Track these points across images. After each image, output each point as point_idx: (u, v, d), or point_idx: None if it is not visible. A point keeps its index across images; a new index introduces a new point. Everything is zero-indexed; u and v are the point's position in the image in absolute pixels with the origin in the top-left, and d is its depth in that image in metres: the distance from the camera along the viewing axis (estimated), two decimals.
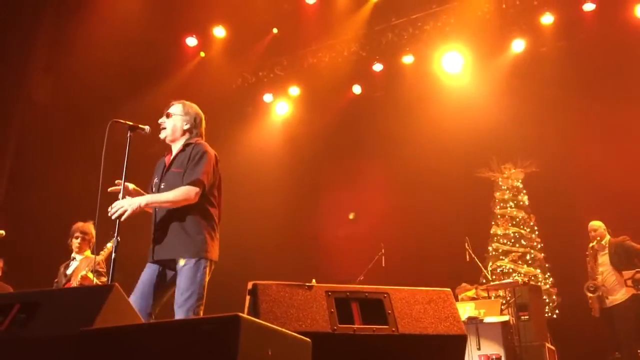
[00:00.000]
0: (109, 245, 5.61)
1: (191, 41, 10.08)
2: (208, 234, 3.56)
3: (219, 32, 10.00)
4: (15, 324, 2.47)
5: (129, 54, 8.81)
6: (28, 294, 2.89)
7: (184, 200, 3.49)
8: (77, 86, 8.59)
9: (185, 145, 3.75)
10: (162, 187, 3.66)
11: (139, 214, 3.52)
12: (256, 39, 10.12)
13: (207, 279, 3.49)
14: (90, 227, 5.84)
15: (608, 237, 6.88)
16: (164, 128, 3.82)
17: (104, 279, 5.56)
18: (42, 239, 7.11)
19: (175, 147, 3.82)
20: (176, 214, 3.54)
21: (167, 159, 3.82)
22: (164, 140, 3.87)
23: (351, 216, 7.82)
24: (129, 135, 3.70)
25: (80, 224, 5.83)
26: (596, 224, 6.93)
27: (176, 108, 3.85)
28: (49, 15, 8.76)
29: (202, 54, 10.31)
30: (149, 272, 3.59)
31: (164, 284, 3.57)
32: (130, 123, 3.72)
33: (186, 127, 3.81)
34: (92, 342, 2.04)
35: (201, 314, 3.37)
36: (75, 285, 5.41)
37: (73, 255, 5.80)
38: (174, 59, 10.07)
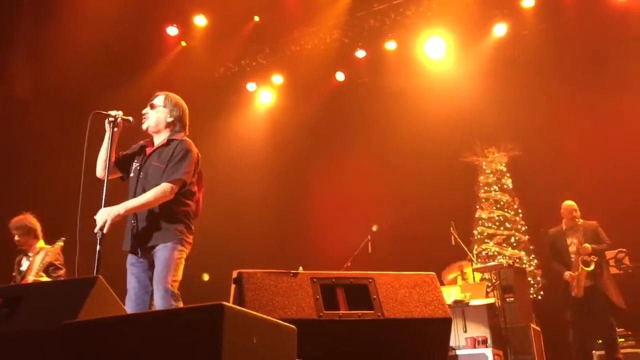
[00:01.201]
0: (59, 244, 5.52)
1: (172, 30, 9.97)
2: (184, 224, 3.62)
3: (200, 20, 9.90)
4: None
5: (109, 45, 8.71)
6: (10, 288, 2.88)
7: (162, 199, 3.53)
8: (57, 79, 8.48)
9: (170, 140, 3.75)
10: (141, 176, 3.68)
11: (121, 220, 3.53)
12: (238, 27, 10.03)
13: (182, 262, 3.53)
14: (25, 220, 5.64)
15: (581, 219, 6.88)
16: (147, 119, 3.80)
17: (62, 272, 5.51)
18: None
19: (158, 139, 3.80)
20: (155, 207, 3.57)
21: (148, 148, 3.82)
22: (146, 130, 3.85)
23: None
24: (111, 127, 3.67)
25: (12, 221, 5.63)
26: (575, 204, 6.93)
27: (160, 99, 3.84)
28: (26, 7, 8.62)
29: (184, 44, 10.21)
30: (134, 277, 3.60)
31: (150, 277, 3.58)
32: (113, 113, 3.69)
33: (169, 119, 3.81)
34: (75, 335, 2.03)
35: (176, 290, 3.41)
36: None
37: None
38: (155, 49, 9.96)
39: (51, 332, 2.20)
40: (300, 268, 3.63)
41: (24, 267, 5.55)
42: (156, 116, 3.79)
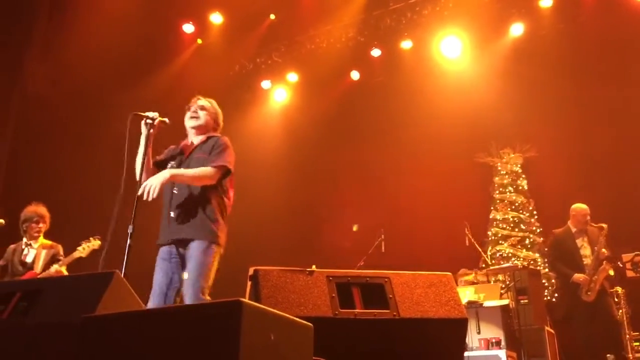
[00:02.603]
0: (94, 243, 5.55)
1: (188, 28, 10.02)
2: (220, 222, 3.71)
3: (216, 18, 9.94)
4: (16, 312, 2.48)
5: (125, 42, 8.76)
6: (29, 282, 2.90)
7: (207, 178, 3.65)
8: (74, 76, 8.54)
9: (208, 137, 3.93)
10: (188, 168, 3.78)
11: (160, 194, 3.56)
12: (253, 25, 10.05)
13: (215, 266, 3.59)
14: (45, 210, 5.68)
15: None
16: (197, 117, 3.95)
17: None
18: None
19: (197, 139, 3.96)
20: (194, 198, 3.66)
21: (186, 147, 3.96)
22: (186, 127, 3.98)
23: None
24: (147, 128, 3.76)
25: (35, 208, 5.65)
26: (588, 208, 6.82)
27: (208, 103, 4.03)
28: (44, 4, 8.69)
29: (199, 41, 10.25)
30: (162, 272, 3.64)
31: (180, 273, 3.63)
32: (150, 115, 3.77)
33: (215, 122, 4.04)
34: (93, 329, 2.04)
35: (207, 296, 3.44)
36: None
37: (27, 241, 5.61)
38: (171, 46, 10.02)
39: (69, 326, 2.21)
40: (314, 266, 3.64)
41: (29, 259, 5.54)
42: (206, 118, 3.98)
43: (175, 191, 3.71)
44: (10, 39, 8.16)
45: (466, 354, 5.75)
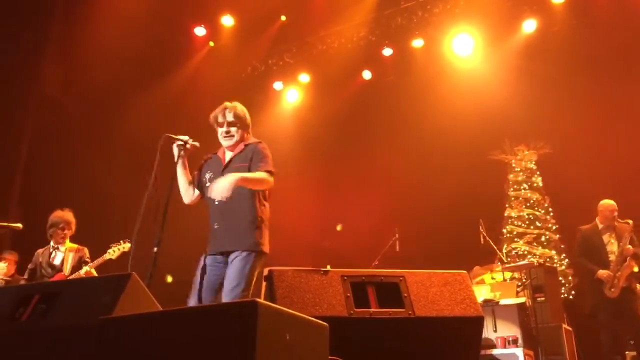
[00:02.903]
0: (124, 246, 5.66)
1: (200, 31, 10.08)
2: (263, 229, 3.76)
3: (227, 20, 9.98)
4: (35, 314, 2.51)
5: (138, 45, 8.84)
6: (47, 285, 2.93)
7: (265, 183, 3.73)
8: (88, 79, 8.64)
9: (246, 145, 3.96)
10: None
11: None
12: (265, 26, 10.08)
13: (256, 271, 3.62)
14: (71, 216, 5.80)
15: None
16: (232, 136, 3.95)
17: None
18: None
19: (233, 148, 3.97)
20: (236, 208, 3.69)
21: (223, 156, 3.99)
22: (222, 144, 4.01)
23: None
24: (178, 150, 3.86)
25: (61, 214, 5.77)
26: (615, 204, 6.77)
27: (237, 114, 4.00)
28: (59, 8, 8.79)
29: (211, 44, 10.30)
30: (205, 278, 3.67)
31: (222, 279, 3.66)
32: (183, 138, 3.85)
33: (247, 129, 4.05)
34: (111, 330, 2.06)
35: None
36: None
37: (54, 244, 5.73)
38: (183, 49, 10.08)
39: (87, 327, 2.24)
40: (328, 266, 3.64)
41: (57, 261, 5.67)
42: (240, 132, 3.97)
43: (216, 203, 3.74)
44: (26, 42, 8.26)
45: (483, 352, 5.73)
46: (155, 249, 3.40)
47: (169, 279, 9.92)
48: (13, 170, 8.23)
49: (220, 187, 3.47)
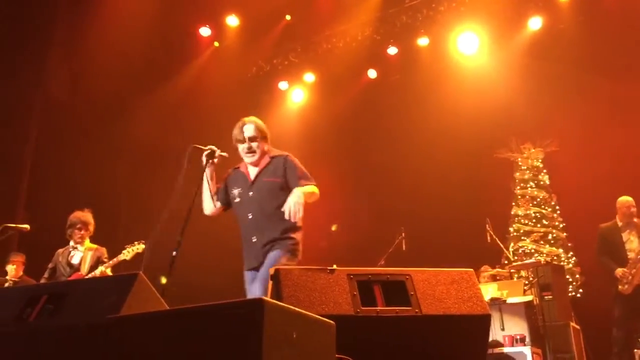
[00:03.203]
0: (138, 247, 5.72)
1: (205, 31, 10.09)
2: (299, 237, 3.90)
3: (232, 20, 10.00)
4: (43, 314, 2.52)
5: (143, 47, 8.87)
6: (54, 285, 2.95)
7: (317, 196, 3.89)
8: (94, 81, 8.67)
9: (272, 158, 4.03)
10: (252, 195, 3.93)
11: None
12: (269, 26, 10.10)
13: None
14: (90, 217, 5.90)
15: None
16: (254, 152, 3.99)
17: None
18: (63, 233, 7.21)
19: (259, 162, 4.02)
20: (271, 219, 3.81)
21: (246, 170, 4.05)
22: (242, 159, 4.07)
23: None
24: (206, 160, 3.94)
25: (80, 214, 5.86)
26: (632, 200, 6.75)
27: (257, 129, 4.04)
28: (63, 10, 8.82)
29: (216, 44, 10.31)
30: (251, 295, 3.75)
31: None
32: (209, 148, 3.92)
33: (267, 146, 4.08)
34: (119, 329, 2.07)
35: None
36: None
37: (73, 244, 5.84)
38: (188, 49, 10.10)
39: (94, 327, 2.24)
40: (334, 266, 3.64)
41: (75, 260, 5.75)
42: (262, 148, 4.01)
43: (250, 216, 3.85)
44: (32, 44, 8.29)
45: (490, 350, 5.71)
46: (174, 253, 3.43)
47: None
48: (20, 172, 8.28)
49: (294, 207, 3.59)
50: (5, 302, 2.64)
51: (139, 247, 5.76)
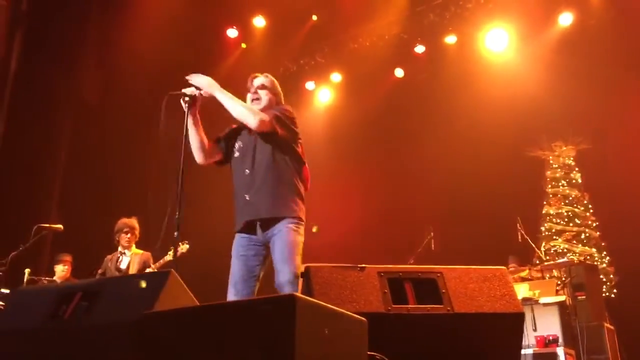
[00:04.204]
0: (183, 247, 5.84)
1: (232, 33, 10.16)
2: (299, 195, 3.61)
3: (259, 22, 10.05)
4: (77, 311, 2.56)
5: (171, 49, 8.95)
6: (89, 283, 2.99)
7: (249, 113, 3.54)
8: (125, 84, 8.78)
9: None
10: (256, 148, 3.65)
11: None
12: (296, 26, 10.12)
13: (302, 244, 3.49)
14: (135, 223, 6.09)
15: None
16: (259, 99, 3.80)
17: None
18: (97, 234, 7.32)
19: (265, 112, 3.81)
20: (269, 177, 3.52)
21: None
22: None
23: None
24: (186, 106, 3.66)
25: (126, 220, 6.06)
26: None
27: (267, 80, 3.88)
28: (94, 13, 8.96)
29: (244, 45, 10.37)
30: (241, 261, 3.51)
31: (260, 260, 3.53)
32: (188, 91, 3.67)
33: (277, 99, 3.90)
34: (151, 325, 2.09)
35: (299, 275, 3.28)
36: None
37: (121, 249, 6.01)
38: (216, 51, 10.17)
39: (128, 324, 2.27)
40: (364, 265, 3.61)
41: (123, 265, 5.91)
42: (268, 97, 3.82)
43: (247, 172, 3.57)
44: (63, 49, 8.44)
45: (523, 351, 5.63)
46: (175, 234, 3.41)
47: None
48: (53, 174, 8.43)
49: (198, 81, 3.50)
50: (40, 300, 2.69)
51: (183, 247, 5.90)
